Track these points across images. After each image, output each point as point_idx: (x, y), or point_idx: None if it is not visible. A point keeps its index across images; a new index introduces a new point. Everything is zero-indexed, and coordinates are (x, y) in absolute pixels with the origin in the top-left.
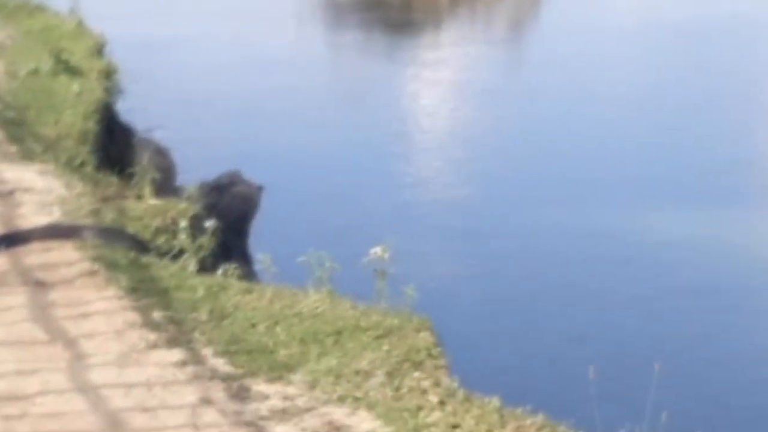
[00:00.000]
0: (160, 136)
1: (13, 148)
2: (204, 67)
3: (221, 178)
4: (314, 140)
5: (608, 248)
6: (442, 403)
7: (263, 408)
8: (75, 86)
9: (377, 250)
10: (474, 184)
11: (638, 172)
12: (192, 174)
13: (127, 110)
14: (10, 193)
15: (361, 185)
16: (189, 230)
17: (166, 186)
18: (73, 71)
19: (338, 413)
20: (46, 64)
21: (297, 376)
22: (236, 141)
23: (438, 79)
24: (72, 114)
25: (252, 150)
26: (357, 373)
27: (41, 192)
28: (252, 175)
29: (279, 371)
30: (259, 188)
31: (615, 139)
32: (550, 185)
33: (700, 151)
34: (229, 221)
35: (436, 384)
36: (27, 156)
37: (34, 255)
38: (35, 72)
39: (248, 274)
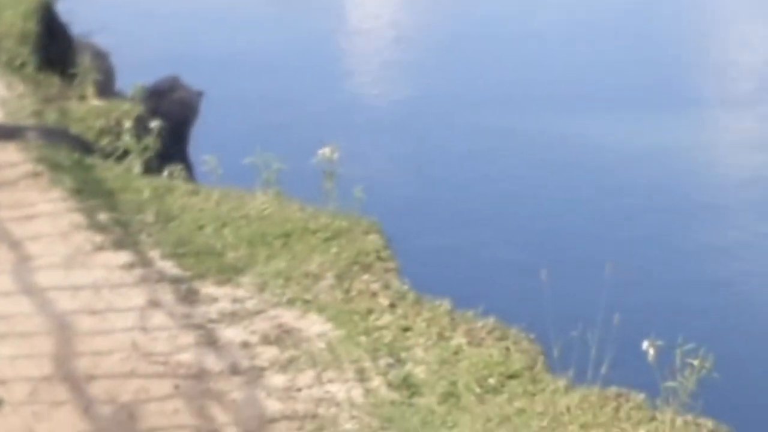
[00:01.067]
0: (98, 40)
1: None
2: None
3: (160, 83)
4: (253, 42)
5: (557, 152)
6: (392, 305)
7: (212, 311)
8: None
9: (325, 151)
10: (423, 85)
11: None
12: (130, 79)
13: (66, 12)
14: None
15: (303, 88)
16: (133, 131)
17: (106, 90)
18: None
19: (288, 316)
20: None
21: (246, 279)
22: (176, 45)
23: None
24: (12, 14)
25: (191, 54)
26: (306, 275)
27: None
28: (191, 80)
29: (227, 274)
30: (199, 93)
31: (572, 44)
32: (503, 87)
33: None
34: (168, 127)
35: (386, 287)
36: None
37: None
38: None
39: (190, 179)
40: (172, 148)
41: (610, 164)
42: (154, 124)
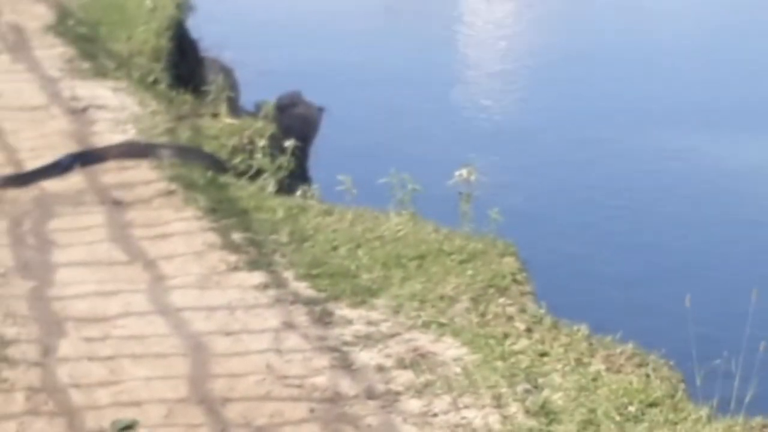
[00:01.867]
0: (223, 55)
1: (86, 65)
2: None
3: (282, 99)
4: (378, 60)
5: (702, 176)
6: (528, 330)
7: (347, 333)
8: (148, 2)
9: (463, 172)
10: (558, 109)
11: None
12: (253, 95)
13: (194, 28)
14: (84, 110)
15: (428, 108)
16: (267, 150)
17: (232, 106)
18: None
19: (423, 339)
20: None
21: (380, 301)
22: (298, 61)
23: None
24: (145, 30)
25: (314, 70)
26: (441, 298)
27: (115, 109)
28: (313, 95)
29: (362, 296)
30: (320, 109)
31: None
32: (621, 101)
33: None
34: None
35: (522, 310)
36: (100, 73)
37: (110, 174)
38: None
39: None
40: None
41: (742, 185)
42: (289, 143)
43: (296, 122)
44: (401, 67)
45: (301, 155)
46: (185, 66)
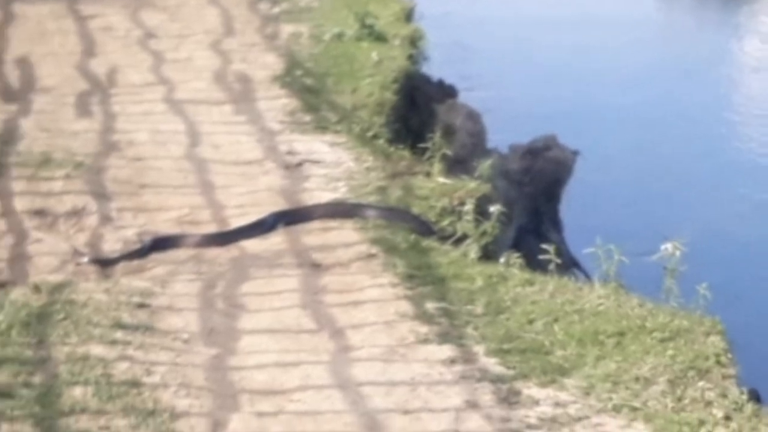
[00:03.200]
0: (472, 98)
1: (308, 117)
2: (518, 24)
3: (536, 142)
4: (637, 106)
5: None
6: (727, 418)
7: (532, 415)
8: (374, 54)
9: (668, 247)
10: None
11: None
12: (504, 135)
13: (438, 74)
14: (299, 165)
15: (684, 163)
16: (474, 214)
17: (476, 151)
18: (377, 37)
19: (612, 424)
20: (351, 28)
21: (571, 381)
22: (550, 102)
23: None
24: (370, 83)
25: (567, 112)
26: (636, 379)
27: (330, 165)
28: (566, 138)
29: (552, 374)
30: (574, 153)
31: None
32: None
33: None
34: (541, 186)
35: (723, 395)
36: (320, 126)
37: (312, 234)
38: (339, 37)
39: (558, 241)
40: (543, 207)
41: None
42: (494, 208)
43: (549, 165)
44: (669, 109)
45: (551, 197)
46: (415, 118)
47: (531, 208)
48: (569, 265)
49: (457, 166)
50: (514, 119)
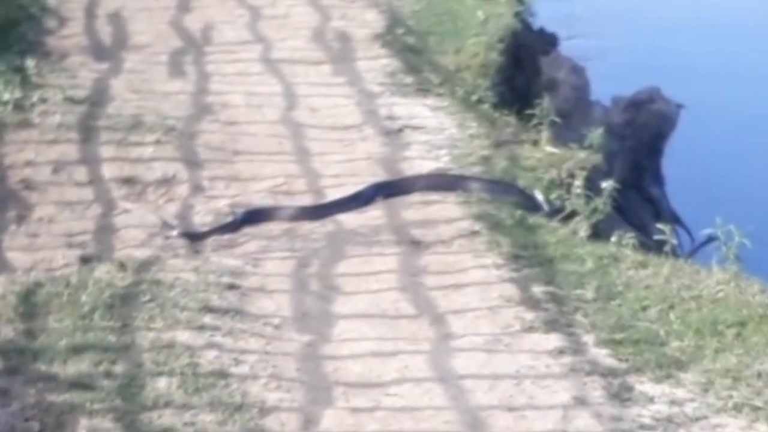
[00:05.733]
0: (576, 49)
1: (409, 79)
2: None
3: (639, 95)
4: (747, 58)
5: None
6: None
7: (645, 414)
8: (479, 13)
9: None
10: None
11: None
12: (607, 87)
13: (543, 24)
14: (399, 131)
15: None
16: (584, 189)
17: (579, 105)
18: None
19: (733, 425)
20: None
21: (688, 376)
22: (656, 53)
23: None
24: (475, 43)
25: (673, 64)
26: (759, 375)
27: (431, 131)
28: (671, 91)
29: (668, 369)
30: (678, 106)
31: None
32: None
33: None
34: (644, 139)
35: None
36: (422, 89)
37: (412, 209)
38: None
39: (659, 197)
40: (645, 162)
41: None
42: (606, 184)
43: (653, 119)
44: None
45: (654, 151)
46: (520, 81)
47: (632, 161)
48: (671, 220)
49: (561, 120)
50: (618, 69)
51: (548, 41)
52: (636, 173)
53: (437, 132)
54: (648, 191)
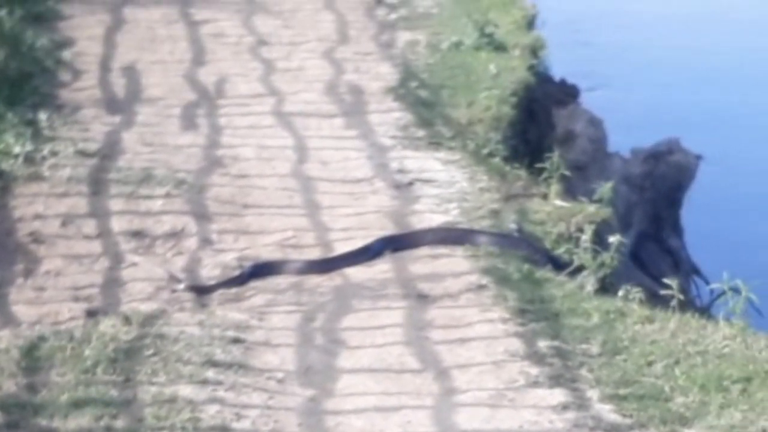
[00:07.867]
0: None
1: (421, 133)
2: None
3: (659, 146)
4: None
5: None
6: None
7: None
8: (492, 66)
9: None
10: None
11: None
12: (627, 138)
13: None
14: (410, 184)
15: None
16: (592, 243)
17: (596, 157)
18: (496, 46)
19: None
20: (470, 37)
21: None
22: (675, 104)
23: None
24: (487, 97)
25: (692, 115)
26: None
27: (442, 185)
28: (690, 142)
29: (672, 425)
30: (697, 157)
31: None
32: None
33: None
34: (663, 191)
35: None
36: (433, 142)
37: (420, 262)
38: (457, 46)
39: (676, 248)
40: (664, 213)
41: None
42: (614, 239)
43: (672, 170)
44: None
45: (672, 202)
46: (534, 131)
47: (652, 213)
48: (690, 271)
49: (577, 172)
50: (637, 119)
51: (569, 93)
52: (655, 224)
53: (447, 185)
54: (667, 242)
